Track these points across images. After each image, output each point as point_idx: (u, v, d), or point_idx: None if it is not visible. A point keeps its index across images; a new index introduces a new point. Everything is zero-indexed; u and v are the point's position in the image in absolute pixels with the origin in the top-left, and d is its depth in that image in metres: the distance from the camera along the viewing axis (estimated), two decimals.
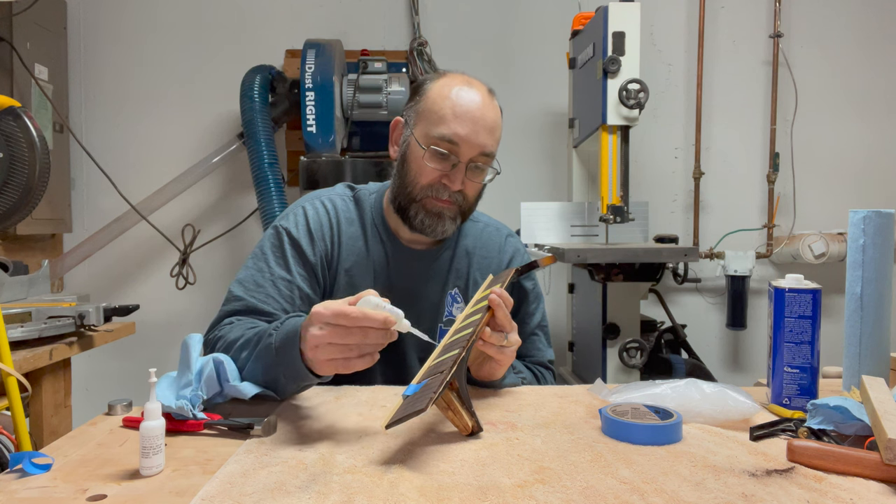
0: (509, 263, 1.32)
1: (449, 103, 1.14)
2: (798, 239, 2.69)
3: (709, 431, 0.90)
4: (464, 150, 1.14)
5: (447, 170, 1.15)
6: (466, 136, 1.13)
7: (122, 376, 2.65)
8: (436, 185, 1.16)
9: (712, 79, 2.81)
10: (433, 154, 1.14)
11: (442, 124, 1.14)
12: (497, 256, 1.32)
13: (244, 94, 2.47)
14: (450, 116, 1.13)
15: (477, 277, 1.28)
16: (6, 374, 1.13)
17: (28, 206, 1.45)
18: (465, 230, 1.32)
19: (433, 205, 1.17)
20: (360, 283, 1.22)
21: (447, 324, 1.25)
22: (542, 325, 1.36)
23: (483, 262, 1.30)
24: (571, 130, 2.47)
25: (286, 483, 0.73)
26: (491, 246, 1.32)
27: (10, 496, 0.71)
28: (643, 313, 2.27)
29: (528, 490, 0.71)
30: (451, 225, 1.19)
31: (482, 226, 1.35)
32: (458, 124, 1.13)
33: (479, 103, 1.15)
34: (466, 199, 1.19)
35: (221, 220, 2.78)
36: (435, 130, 1.14)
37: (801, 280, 0.98)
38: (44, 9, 2.44)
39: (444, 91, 1.16)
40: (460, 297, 1.27)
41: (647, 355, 2.08)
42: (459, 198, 1.18)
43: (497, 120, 1.17)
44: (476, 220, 1.35)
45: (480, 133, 1.14)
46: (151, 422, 0.77)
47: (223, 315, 1.17)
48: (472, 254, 1.30)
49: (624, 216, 2.07)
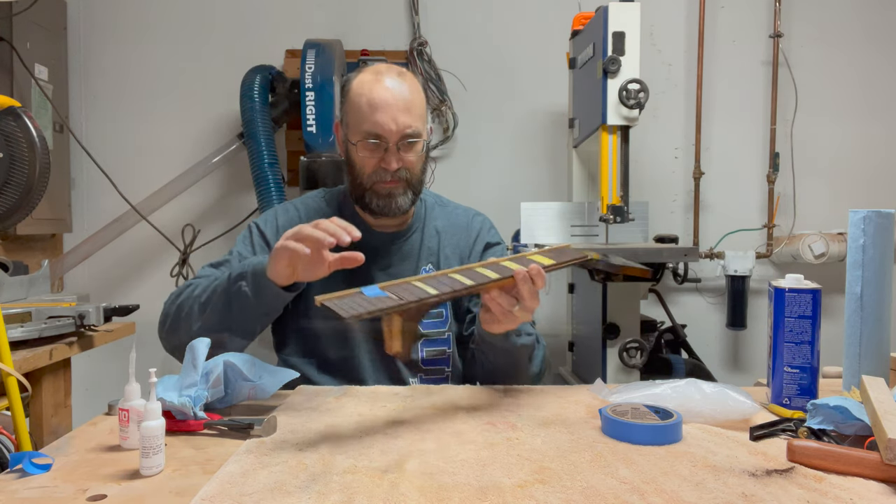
0: (477, 238, 1.44)
1: (364, 99, 1.26)
2: (798, 239, 2.69)
3: (709, 431, 0.90)
4: (387, 136, 1.25)
5: (381, 155, 1.27)
6: (385, 125, 1.24)
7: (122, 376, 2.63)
8: (377, 170, 1.28)
9: (712, 79, 2.81)
10: (364, 147, 1.27)
11: (363, 121, 1.26)
12: (465, 233, 1.44)
13: (244, 94, 2.47)
14: (367, 111, 1.25)
15: (448, 254, 1.40)
16: (6, 374, 1.13)
17: (28, 206, 1.45)
18: (435, 213, 1.45)
19: (381, 188, 1.29)
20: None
21: None
22: None
23: (452, 239, 1.42)
24: (571, 130, 2.47)
25: (286, 483, 0.73)
26: (458, 224, 1.45)
27: (10, 496, 0.71)
28: (643, 313, 2.26)
29: (528, 490, 0.71)
30: (405, 199, 1.30)
31: (451, 208, 1.49)
32: (375, 116, 1.25)
33: (389, 90, 1.26)
34: (411, 171, 1.30)
35: (221, 220, 2.77)
36: (360, 128, 1.27)
37: (801, 280, 0.98)
38: (44, 9, 2.44)
39: (358, 89, 1.28)
40: (434, 270, 1.37)
41: (647, 355, 2.08)
42: (403, 173, 1.29)
43: (411, 96, 1.28)
44: (445, 204, 1.49)
45: (398, 116, 1.25)
46: (151, 422, 0.77)
47: (186, 284, 1.31)
48: (442, 232, 1.42)
49: (624, 216, 2.07)
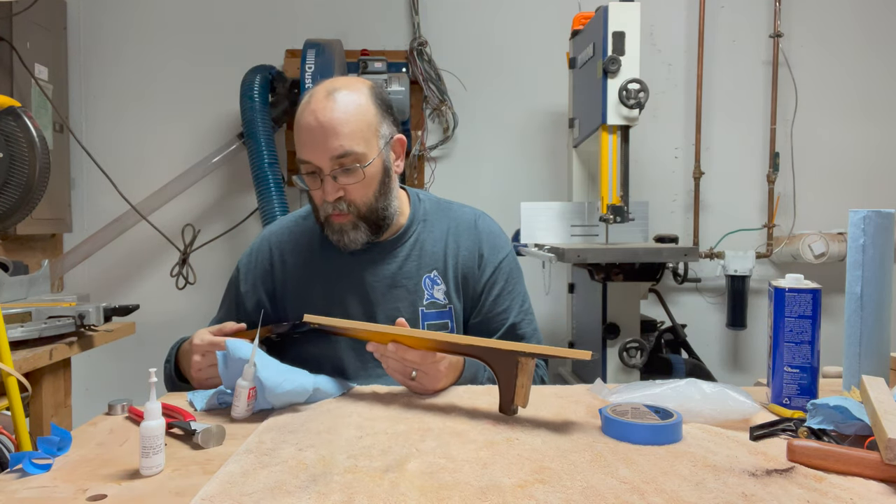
0: (480, 245, 1.33)
1: (297, 127, 1.19)
2: (798, 239, 2.69)
3: (709, 431, 0.90)
4: (318, 164, 1.17)
5: (321, 185, 1.19)
6: (312, 152, 1.16)
7: (122, 376, 2.65)
8: (323, 204, 1.21)
9: (712, 79, 2.81)
10: (306, 178, 1.20)
11: (298, 150, 1.20)
12: (472, 233, 1.34)
13: (244, 94, 2.47)
14: (299, 140, 1.18)
15: (457, 260, 1.31)
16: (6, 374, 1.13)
17: (28, 206, 1.45)
18: (432, 216, 1.34)
19: (332, 222, 1.22)
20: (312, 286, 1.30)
21: (429, 306, 1.28)
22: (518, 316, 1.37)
23: (457, 242, 1.33)
24: (571, 130, 2.47)
25: (286, 483, 0.73)
26: (463, 226, 1.35)
27: (10, 496, 0.71)
28: (643, 313, 2.26)
29: (528, 490, 0.71)
30: (356, 234, 1.22)
31: (457, 207, 1.39)
32: (303, 144, 1.18)
33: (315, 115, 1.15)
34: (356, 202, 1.20)
35: (221, 220, 2.77)
36: (297, 157, 1.20)
37: (801, 280, 0.98)
38: (44, 9, 2.44)
39: (296, 116, 1.20)
40: (440, 279, 1.30)
41: (647, 355, 2.08)
42: (344, 205, 1.20)
43: (340, 116, 1.15)
44: (446, 208, 1.38)
45: (324, 142, 1.15)
46: (151, 422, 0.77)
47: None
48: (447, 236, 1.33)
49: (624, 216, 2.07)
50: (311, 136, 1.15)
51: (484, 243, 1.34)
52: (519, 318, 1.33)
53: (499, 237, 1.37)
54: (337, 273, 1.29)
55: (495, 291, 1.32)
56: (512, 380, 0.95)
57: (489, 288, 1.32)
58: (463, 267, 1.31)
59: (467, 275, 1.31)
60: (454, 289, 1.30)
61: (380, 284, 1.28)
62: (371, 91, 1.22)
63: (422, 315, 1.27)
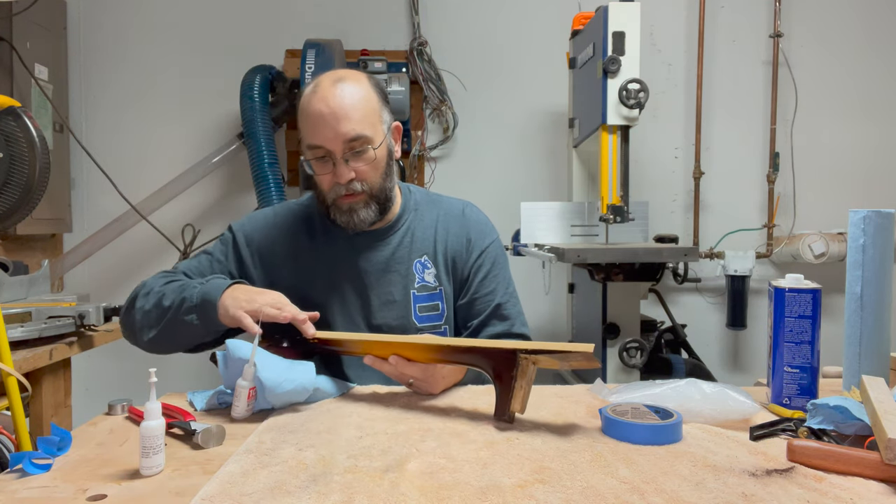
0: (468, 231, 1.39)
1: (305, 114, 1.23)
2: (798, 239, 2.69)
3: (709, 431, 0.90)
4: (330, 148, 1.21)
5: (332, 169, 1.23)
6: (325, 136, 1.20)
7: (122, 376, 2.65)
8: (334, 186, 1.24)
9: (712, 79, 2.81)
10: (315, 164, 1.24)
11: (307, 136, 1.23)
12: (460, 220, 1.40)
13: (244, 94, 2.47)
14: (309, 126, 1.22)
15: (446, 246, 1.37)
16: (6, 374, 1.13)
17: (28, 206, 1.45)
18: (423, 207, 1.41)
19: (342, 203, 1.26)
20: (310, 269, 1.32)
21: (420, 289, 1.33)
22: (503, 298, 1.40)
23: (446, 229, 1.39)
24: (571, 130, 2.47)
25: (286, 483, 0.73)
26: (452, 215, 1.41)
27: (10, 496, 0.71)
28: (643, 313, 2.26)
29: (528, 490, 0.71)
30: (367, 212, 1.27)
31: (446, 199, 1.45)
32: (315, 130, 1.21)
33: (325, 100, 1.20)
34: (367, 181, 1.25)
35: (221, 220, 2.77)
36: (306, 143, 1.24)
37: (801, 280, 0.98)
38: (44, 9, 2.44)
39: (301, 105, 1.24)
40: (430, 263, 1.35)
41: (647, 355, 2.08)
42: (358, 185, 1.24)
43: (349, 102, 1.21)
44: (435, 200, 1.44)
45: (336, 126, 1.19)
46: (151, 422, 0.77)
47: (148, 287, 1.32)
48: (437, 224, 1.39)
49: (624, 216, 2.07)
50: (323, 122, 1.20)
51: (472, 229, 1.40)
52: (504, 300, 1.38)
53: (485, 225, 1.44)
54: (333, 260, 1.33)
55: (482, 273, 1.37)
56: (510, 381, 0.95)
57: (476, 270, 1.37)
58: (452, 251, 1.37)
59: (456, 258, 1.37)
60: (444, 272, 1.36)
61: (374, 269, 1.32)
62: (371, 80, 1.29)
63: (413, 297, 1.33)
